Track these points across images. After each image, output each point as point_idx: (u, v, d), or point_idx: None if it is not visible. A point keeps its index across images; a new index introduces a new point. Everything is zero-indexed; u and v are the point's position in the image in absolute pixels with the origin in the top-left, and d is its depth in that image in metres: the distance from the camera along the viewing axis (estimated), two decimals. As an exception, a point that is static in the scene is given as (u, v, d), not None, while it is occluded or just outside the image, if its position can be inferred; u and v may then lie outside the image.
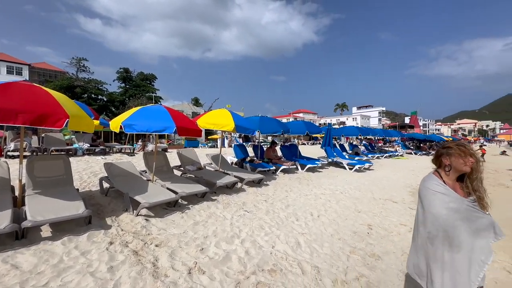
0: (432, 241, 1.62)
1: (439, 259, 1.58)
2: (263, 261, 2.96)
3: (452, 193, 1.61)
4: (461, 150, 1.64)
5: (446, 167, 1.69)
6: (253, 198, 5.40)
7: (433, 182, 1.68)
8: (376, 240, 3.82)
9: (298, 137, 37.11)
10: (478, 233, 1.54)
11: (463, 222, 1.54)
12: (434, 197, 1.62)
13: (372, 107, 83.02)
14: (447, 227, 1.55)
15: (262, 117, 7.90)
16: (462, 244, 1.52)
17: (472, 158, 1.60)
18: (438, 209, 1.59)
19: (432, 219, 1.61)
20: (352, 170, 9.82)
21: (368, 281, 2.79)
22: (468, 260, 1.52)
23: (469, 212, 1.55)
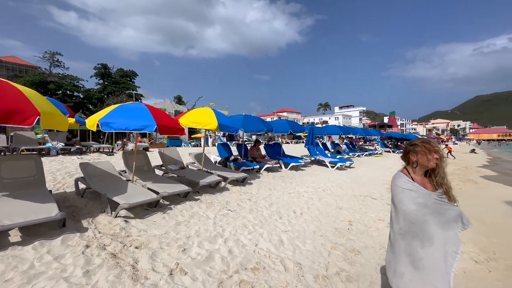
0: (403, 237, 1.66)
1: (412, 254, 1.62)
2: (246, 260, 2.96)
3: (420, 189, 1.66)
4: (426, 148, 1.69)
5: (413, 164, 1.75)
6: (236, 197, 5.38)
7: (401, 180, 1.73)
8: (356, 236, 3.94)
9: (282, 136, 37.58)
10: (448, 224, 1.59)
11: (433, 216, 1.59)
12: (403, 194, 1.67)
13: (353, 107, 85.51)
14: (418, 222, 1.60)
15: (245, 116, 7.89)
16: (433, 237, 1.57)
17: (437, 155, 1.66)
18: (407, 205, 1.64)
19: (403, 215, 1.66)
20: (334, 168, 10.06)
21: (348, 275, 2.88)
22: (442, 253, 1.56)
23: (437, 205, 1.61)
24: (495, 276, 3.12)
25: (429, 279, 1.55)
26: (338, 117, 71.08)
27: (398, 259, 1.69)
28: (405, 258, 1.64)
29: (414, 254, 1.60)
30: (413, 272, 1.60)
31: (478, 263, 3.38)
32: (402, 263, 1.65)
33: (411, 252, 1.62)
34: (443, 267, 1.55)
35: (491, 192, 8.68)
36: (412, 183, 1.69)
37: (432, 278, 1.55)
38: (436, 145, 1.70)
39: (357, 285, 2.73)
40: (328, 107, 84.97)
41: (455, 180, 10.04)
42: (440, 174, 1.67)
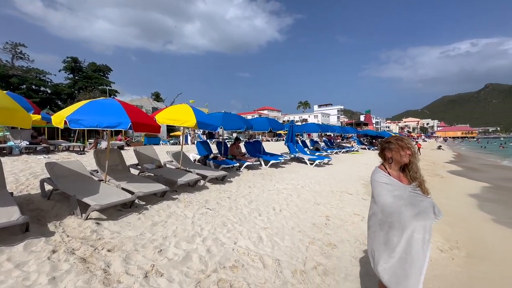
0: (382, 227, 1.78)
1: (389, 243, 1.73)
2: (225, 258, 2.94)
3: (396, 182, 1.79)
4: (399, 145, 1.83)
5: (389, 160, 1.89)
6: (216, 195, 5.32)
7: (378, 175, 1.86)
8: (332, 230, 4.06)
9: (263, 133, 37.71)
10: (421, 215, 1.70)
11: (408, 207, 1.71)
12: (381, 187, 1.80)
13: (332, 105, 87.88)
14: (394, 213, 1.72)
15: (225, 113, 7.81)
16: (407, 227, 1.68)
17: (409, 151, 1.80)
18: (385, 198, 1.77)
19: (382, 208, 1.79)
20: (312, 165, 10.29)
21: (325, 269, 2.96)
22: (416, 241, 1.67)
23: (412, 197, 1.74)
24: (457, 263, 3.37)
25: (402, 265, 1.67)
26: (317, 115, 72.72)
27: (377, 248, 1.81)
28: (383, 246, 1.76)
29: (390, 243, 1.72)
30: (389, 259, 1.71)
31: (443, 252, 3.62)
32: (381, 252, 1.77)
33: (387, 241, 1.74)
34: (416, 255, 1.66)
35: (456, 185, 9.36)
36: (389, 177, 1.82)
37: (406, 264, 1.66)
38: (409, 142, 1.83)
39: (333, 277, 2.81)
40: (308, 106, 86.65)
41: (424, 175, 10.67)
42: (413, 169, 1.80)
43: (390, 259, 1.71)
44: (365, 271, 2.97)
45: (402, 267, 1.67)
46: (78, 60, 37.15)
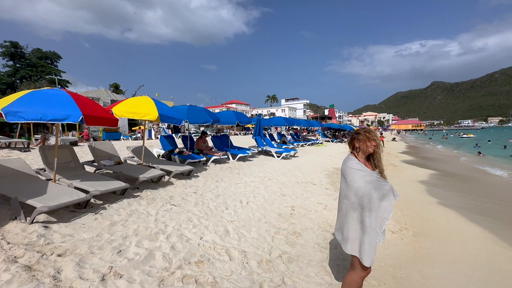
0: (355, 209, 1.97)
1: (361, 223, 1.95)
2: (190, 254, 2.88)
3: (366, 169, 2.00)
4: (367, 136, 2.04)
5: (357, 149, 2.09)
6: (181, 191, 5.17)
7: (352, 162, 2.04)
8: (297, 219, 4.22)
9: (231, 127, 37.42)
10: (384, 197, 1.94)
11: (375, 191, 1.92)
12: (354, 173, 1.98)
13: (298, 100, 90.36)
14: (365, 196, 1.92)
15: (190, 106, 7.55)
16: (373, 208, 1.91)
17: (374, 142, 2.01)
18: (358, 182, 1.95)
19: (355, 191, 1.97)
20: (279, 158, 10.53)
21: (289, 256, 3.07)
22: (379, 219, 1.93)
23: (378, 182, 1.96)
24: (405, 242, 3.75)
25: (371, 240, 1.90)
26: (284, 109, 74.25)
27: (350, 228, 2.00)
28: (357, 225, 1.97)
29: (363, 222, 1.93)
30: (362, 236, 1.93)
31: (394, 233, 3.99)
32: (354, 231, 1.98)
33: (361, 220, 1.94)
34: (378, 230, 1.93)
35: (407, 173, 10.35)
36: (360, 164, 2.02)
37: (373, 239, 1.91)
38: (375, 135, 2.04)
39: (297, 264, 2.93)
40: (276, 100, 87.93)
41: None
42: (377, 158, 2.03)
43: (365, 235, 1.91)
44: (326, 255, 3.15)
45: (373, 242, 1.91)
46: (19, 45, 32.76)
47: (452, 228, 4.53)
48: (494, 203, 6.26)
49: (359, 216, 1.95)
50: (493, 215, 5.27)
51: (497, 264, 3.31)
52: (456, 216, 5.19)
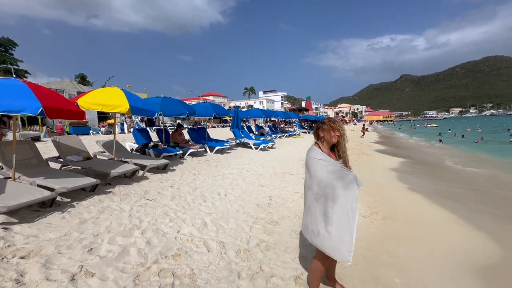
0: (318, 200, 1.95)
1: (324, 214, 1.91)
2: (167, 248, 2.84)
3: (329, 159, 1.99)
4: (331, 126, 2.00)
5: (321, 139, 2.07)
6: (157, 185, 5.03)
7: (315, 152, 2.02)
8: (275, 209, 4.30)
9: (209, 120, 36.85)
10: (348, 186, 1.92)
11: (338, 180, 1.91)
12: (317, 163, 1.96)
13: (276, 92, 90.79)
14: (328, 186, 1.91)
15: (164, 98, 7.28)
16: (339, 198, 1.88)
17: (338, 133, 1.98)
18: (320, 172, 1.93)
19: (317, 182, 1.95)
20: (257, 150, 10.59)
21: (267, 245, 3.13)
22: (346, 209, 1.88)
23: (341, 172, 1.95)
24: (375, 225, 3.99)
25: (338, 232, 1.87)
26: (262, 101, 74.33)
27: (314, 220, 1.96)
28: (320, 217, 1.92)
29: (327, 213, 1.89)
30: (326, 228, 1.89)
31: (365, 217, 4.23)
32: (318, 223, 1.93)
33: (324, 212, 1.90)
34: (347, 221, 1.87)
35: (379, 162, 10.93)
36: (323, 154, 2.00)
37: (340, 231, 1.86)
38: (340, 125, 2.00)
39: (274, 251, 3.00)
40: (253, 92, 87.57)
41: (353, 154, 12.14)
42: (342, 148, 2.01)
43: (329, 227, 1.88)
44: (302, 242, 3.25)
45: (339, 234, 1.86)
46: (-34, 30, 29.14)
47: (418, 211, 4.89)
48: (455, 187, 6.86)
49: (322, 207, 1.91)
50: (454, 198, 5.78)
51: (454, 241, 3.65)
52: (422, 199, 5.60)
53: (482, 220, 4.43)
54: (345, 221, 1.86)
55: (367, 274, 2.70)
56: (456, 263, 3.06)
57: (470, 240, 3.72)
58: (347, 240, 1.85)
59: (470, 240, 3.70)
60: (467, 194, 6.22)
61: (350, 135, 27.05)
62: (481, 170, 9.45)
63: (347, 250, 1.85)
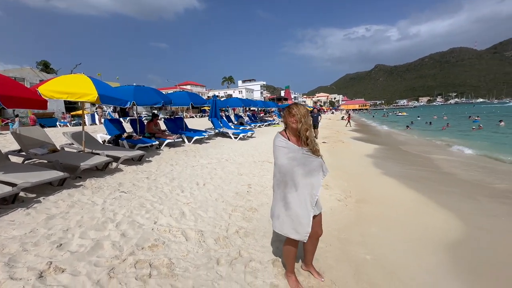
0: (279, 186, 2.01)
1: (283, 199, 1.98)
2: (144, 239, 2.78)
3: (291, 146, 1.97)
4: (288, 112, 1.99)
5: (286, 125, 2.07)
6: (132, 177, 4.86)
7: (278, 139, 2.02)
8: (254, 196, 4.35)
9: (187, 110, 35.93)
10: (311, 173, 1.96)
11: (300, 167, 1.94)
12: (278, 151, 1.98)
13: (255, 81, 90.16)
14: (288, 173, 1.94)
15: (137, 86, 6.94)
16: (299, 184, 1.93)
17: (294, 118, 1.93)
18: (281, 159, 1.96)
19: (278, 168, 2.00)
20: (237, 139, 10.55)
21: (246, 231, 3.18)
22: (305, 196, 1.94)
23: (304, 158, 1.95)
24: (349, 208, 4.18)
25: (296, 217, 1.93)
26: (241, 90, 73.60)
27: (275, 205, 2.05)
28: (280, 202, 2.00)
29: (286, 199, 1.95)
30: (285, 213, 1.97)
31: (340, 201, 4.42)
32: (278, 207, 2.02)
33: (283, 197, 1.97)
34: (304, 206, 1.94)
35: (354, 149, 11.36)
36: (286, 141, 1.98)
37: (298, 216, 1.93)
38: (298, 111, 1.92)
39: (253, 237, 3.06)
40: (232, 81, 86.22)
41: (330, 141, 12.53)
42: (303, 134, 1.94)
43: (288, 211, 1.96)
44: (281, 226, 3.34)
45: (297, 218, 1.94)
46: None
47: (389, 193, 5.19)
48: (422, 170, 7.34)
49: (282, 193, 1.96)
50: (421, 180, 6.19)
51: (421, 219, 3.93)
52: (393, 183, 5.94)
53: (446, 200, 4.80)
54: (304, 207, 1.92)
55: (341, 253, 2.85)
56: (421, 239, 3.31)
57: (435, 218, 4.02)
58: (305, 223, 1.92)
59: (436, 218, 4.00)
60: (433, 176, 6.70)
61: (328, 123, 27.80)
62: (446, 156, 10.19)
63: (304, 231, 1.93)
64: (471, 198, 4.93)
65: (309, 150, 1.96)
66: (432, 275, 2.58)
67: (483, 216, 4.11)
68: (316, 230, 2.14)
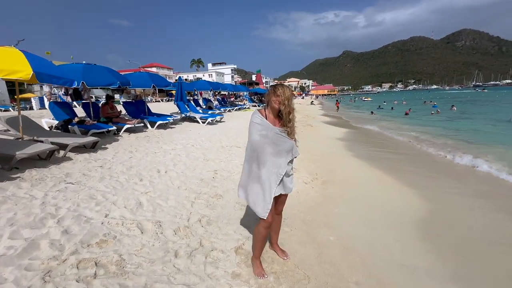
0: (248, 161, 2.02)
1: (252, 174, 2.00)
2: (91, 235, 2.47)
3: (266, 123, 1.95)
4: (273, 91, 1.94)
5: (267, 103, 2.01)
6: (83, 166, 4.36)
7: (254, 116, 2.00)
8: (219, 182, 4.17)
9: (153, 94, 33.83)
10: (280, 153, 1.96)
11: (269, 145, 1.93)
12: (253, 127, 1.97)
13: (226, 64, 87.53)
14: (258, 149, 1.93)
15: (87, 64, 6.15)
16: (266, 162, 1.94)
17: (278, 98, 1.90)
18: (254, 135, 1.95)
19: (250, 144, 1.98)
20: (205, 124, 10.14)
21: (209, 219, 3.01)
22: (269, 173, 1.94)
23: (276, 138, 1.94)
24: (315, 190, 4.21)
25: (260, 190, 1.95)
26: (212, 74, 71.13)
27: (243, 176, 2.09)
28: (247, 176, 2.04)
29: (253, 173, 1.98)
30: (251, 186, 2.01)
31: (306, 183, 4.43)
32: (244, 179, 2.07)
33: (250, 172, 2.00)
34: (268, 183, 1.95)
35: (322, 132, 11.63)
36: (262, 119, 1.96)
37: (262, 189, 1.95)
38: (283, 92, 1.89)
39: (217, 225, 2.90)
40: (202, 64, 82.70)
41: (299, 125, 12.65)
42: (285, 116, 1.93)
43: (253, 186, 1.99)
44: (246, 212, 3.22)
45: (260, 193, 1.95)
46: None
47: (355, 174, 5.36)
48: (388, 152, 7.71)
49: (249, 166, 2.02)
50: (386, 161, 6.50)
51: (385, 199, 4.08)
52: (359, 164, 6.16)
53: (409, 179, 5.05)
54: (268, 185, 1.94)
55: (305, 236, 2.83)
56: (384, 217, 3.43)
57: (399, 196, 4.22)
58: (266, 200, 1.94)
59: (399, 197, 4.20)
60: (399, 158, 7.08)
61: (298, 108, 28.18)
62: (406, 138, 10.88)
63: (265, 208, 1.94)
64: (430, 177, 5.30)
65: (284, 131, 1.96)
66: (390, 250, 2.68)
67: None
68: (281, 208, 2.25)
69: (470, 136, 10.73)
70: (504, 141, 9.51)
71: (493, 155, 6.83)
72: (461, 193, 4.46)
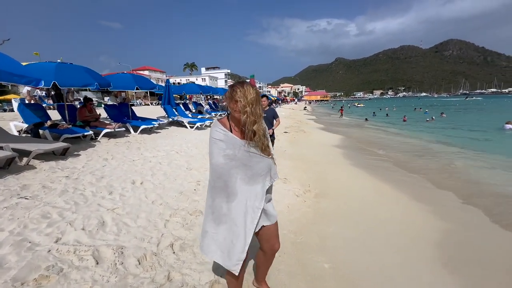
0: (211, 192, 1.47)
1: (216, 211, 1.45)
2: (29, 268, 1.98)
3: (231, 139, 1.40)
4: (231, 94, 1.34)
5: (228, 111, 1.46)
6: (46, 177, 3.84)
7: (214, 129, 1.43)
8: (201, 196, 3.72)
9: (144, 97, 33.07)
10: (254, 179, 1.44)
11: (240, 169, 1.40)
12: (214, 145, 1.41)
13: (219, 69, 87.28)
14: (223, 176, 1.40)
15: (62, 63, 5.64)
16: (237, 193, 1.41)
17: (237, 105, 1.32)
18: (216, 158, 1.41)
19: (212, 169, 1.44)
20: (193, 129, 9.68)
21: (183, 243, 2.56)
22: (244, 208, 1.42)
23: (248, 157, 1.41)
24: (307, 204, 3.81)
25: (228, 234, 1.42)
26: (205, 78, 70.72)
27: (205, 217, 1.53)
28: (210, 215, 1.48)
29: (218, 210, 1.43)
30: (215, 228, 1.45)
31: (298, 196, 4.02)
32: (207, 221, 1.50)
33: (215, 208, 1.44)
34: (242, 224, 1.41)
35: (315, 138, 11.31)
36: (226, 133, 1.41)
37: (231, 233, 1.42)
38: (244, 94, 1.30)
39: (192, 250, 2.45)
40: (195, 68, 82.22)
41: (291, 131, 12.34)
42: (248, 128, 1.35)
43: (218, 228, 1.45)
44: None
45: (229, 239, 1.42)
46: None
47: (353, 184, 4.98)
48: (386, 162, 7.41)
49: (214, 202, 1.45)
50: (383, 171, 6.17)
51: (388, 215, 3.67)
52: (358, 173, 5.78)
53: (415, 191, 4.66)
54: (241, 224, 1.41)
55: (295, 264, 2.41)
56: (387, 237, 3.05)
57: (405, 212, 3.80)
58: (239, 246, 1.40)
59: (405, 213, 3.77)
60: (399, 166, 6.77)
61: (291, 113, 27.99)
62: (409, 146, 10.65)
63: (236, 258, 1.41)
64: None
65: (256, 146, 1.41)
66: (395, 283, 2.28)
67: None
68: (272, 243, 1.64)
69: (476, 145, 10.39)
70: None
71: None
72: (486, 210, 3.96)
